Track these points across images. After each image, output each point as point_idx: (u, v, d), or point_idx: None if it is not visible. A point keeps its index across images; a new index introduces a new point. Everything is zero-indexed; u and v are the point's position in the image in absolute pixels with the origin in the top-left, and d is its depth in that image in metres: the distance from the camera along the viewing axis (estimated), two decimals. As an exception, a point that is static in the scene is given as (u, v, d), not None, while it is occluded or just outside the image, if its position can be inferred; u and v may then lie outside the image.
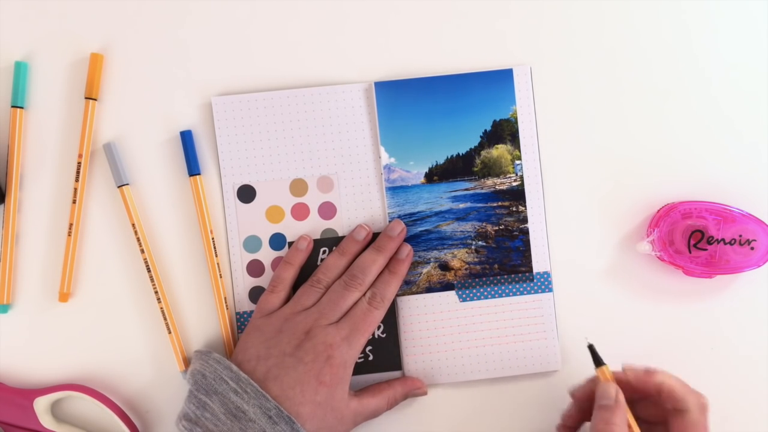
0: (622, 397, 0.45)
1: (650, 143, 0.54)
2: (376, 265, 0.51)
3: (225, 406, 0.46)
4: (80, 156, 0.52)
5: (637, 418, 0.46)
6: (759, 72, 0.54)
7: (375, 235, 0.53)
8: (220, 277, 0.52)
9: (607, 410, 0.44)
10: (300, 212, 0.53)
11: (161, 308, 0.52)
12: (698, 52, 0.54)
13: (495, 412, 0.53)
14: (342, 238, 0.53)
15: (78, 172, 0.52)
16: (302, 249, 0.52)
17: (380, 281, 0.51)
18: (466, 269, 0.53)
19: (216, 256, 0.52)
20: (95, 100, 0.52)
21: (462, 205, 0.53)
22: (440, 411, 0.53)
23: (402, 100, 0.53)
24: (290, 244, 0.53)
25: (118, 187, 0.52)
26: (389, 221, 0.53)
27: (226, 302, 0.52)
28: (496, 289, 0.53)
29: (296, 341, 0.48)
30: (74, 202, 0.52)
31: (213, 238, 0.52)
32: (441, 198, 0.53)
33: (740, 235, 0.51)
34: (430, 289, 0.53)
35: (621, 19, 0.54)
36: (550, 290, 0.53)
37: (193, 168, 0.52)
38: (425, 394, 0.52)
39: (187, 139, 0.52)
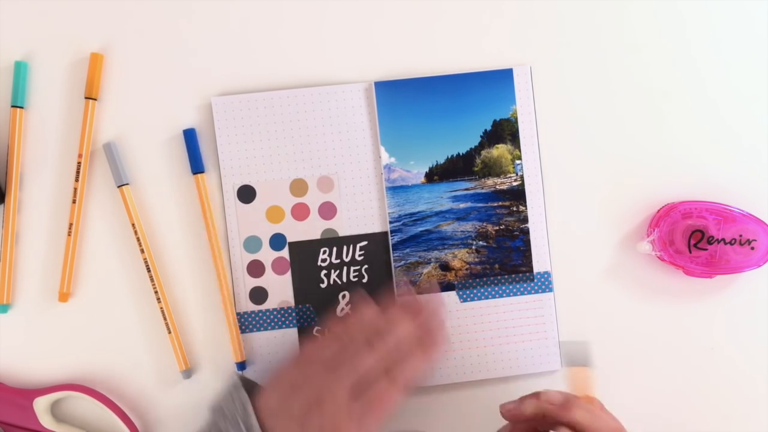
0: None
1: (650, 143, 0.54)
2: (409, 336, 0.45)
3: None
4: (80, 156, 0.52)
5: None
6: (759, 72, 0.54)
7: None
8: (225, 275, 0.52)
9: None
10: (300, 212, 0.53)
11: (161, 308, 0.52)
12: (698, 53, 0.54)
13: (495, 412, 0.53)
14: (342, 238, 0.53)
15: (78, 172, 0.51)
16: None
17: (408, 358, 0.45)
18: (466, 269, 0.53)
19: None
20: (95, 100, 0.52)
21: (462, 205, 0.53)
22: (440, 411, 0.53)
23: (402, 99, 0.53)
24: (290, 244, 0.53)
25: (118, 186, 0.52)
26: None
27: (234, 300, 0.52)
28: (496, 289, 0.53)
29: (306, 406, 0.43)
30: (74, 201, 0.52)
31: (209, 241, 0.52)
32: (441, 198, 0.53)
33: (740, 235, 0.51)
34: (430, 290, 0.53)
35: (621, 19, 0.54)
36: (551, 290, 0.53)
37: (196, 166, 0.52)
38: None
39: (190, 137, 0.52)
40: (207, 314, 0.53)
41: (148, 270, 0.52)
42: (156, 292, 0.51)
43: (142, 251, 0.51)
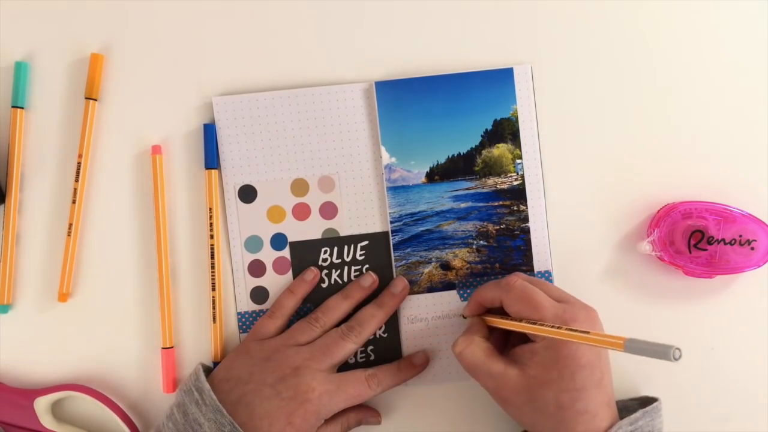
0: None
1: (651, 143, 0.54)
2: (375, 320, 0.51)
3: (185, 416, 0.45)
4: (80, 156, 0.51)
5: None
6: (759, 71, 0.54)
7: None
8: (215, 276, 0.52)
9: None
10: (301, 212, 0.53)
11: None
12: (698, 51, 0.54)
13: (495, 412, 0.53)
14: (343, 238, 0.53)
15: (78, 172, 0.51)
16: (308, 281, 0.52)
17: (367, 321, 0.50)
18: (467, 269, 0.53)
19: (216, 254, 0.52)
20: (95, 100, 0.52)
21: (463, 205, 0.53)
22: (440, 411, 0.53)
23: (403, 99, 0.53)
24: (291, 244, 0.53)
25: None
26: (395, 276, 0.53)
27: (215, 302, 0.52)
28: (496, 288, 0.53)
29: (281, 373, 0.47)
30: (74, 202, 0.51)
31: (212, 237, 0.52)
32: (442, 197, 0.53)
33: (740, 235, 0.51)
34: (431, 289, 0.53)
35: (621, 18, 0.54)
36: (551, 290, 0.53)
37: (211, 161, 0.52)
38: (379, 423, 0.52)
39: (209, 132, 0.52)
40: (208, 314, 0.53)
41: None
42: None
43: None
